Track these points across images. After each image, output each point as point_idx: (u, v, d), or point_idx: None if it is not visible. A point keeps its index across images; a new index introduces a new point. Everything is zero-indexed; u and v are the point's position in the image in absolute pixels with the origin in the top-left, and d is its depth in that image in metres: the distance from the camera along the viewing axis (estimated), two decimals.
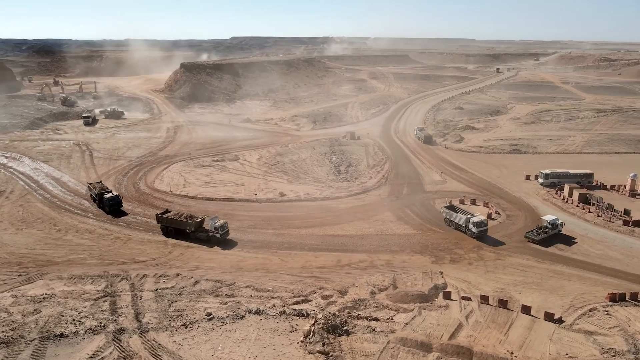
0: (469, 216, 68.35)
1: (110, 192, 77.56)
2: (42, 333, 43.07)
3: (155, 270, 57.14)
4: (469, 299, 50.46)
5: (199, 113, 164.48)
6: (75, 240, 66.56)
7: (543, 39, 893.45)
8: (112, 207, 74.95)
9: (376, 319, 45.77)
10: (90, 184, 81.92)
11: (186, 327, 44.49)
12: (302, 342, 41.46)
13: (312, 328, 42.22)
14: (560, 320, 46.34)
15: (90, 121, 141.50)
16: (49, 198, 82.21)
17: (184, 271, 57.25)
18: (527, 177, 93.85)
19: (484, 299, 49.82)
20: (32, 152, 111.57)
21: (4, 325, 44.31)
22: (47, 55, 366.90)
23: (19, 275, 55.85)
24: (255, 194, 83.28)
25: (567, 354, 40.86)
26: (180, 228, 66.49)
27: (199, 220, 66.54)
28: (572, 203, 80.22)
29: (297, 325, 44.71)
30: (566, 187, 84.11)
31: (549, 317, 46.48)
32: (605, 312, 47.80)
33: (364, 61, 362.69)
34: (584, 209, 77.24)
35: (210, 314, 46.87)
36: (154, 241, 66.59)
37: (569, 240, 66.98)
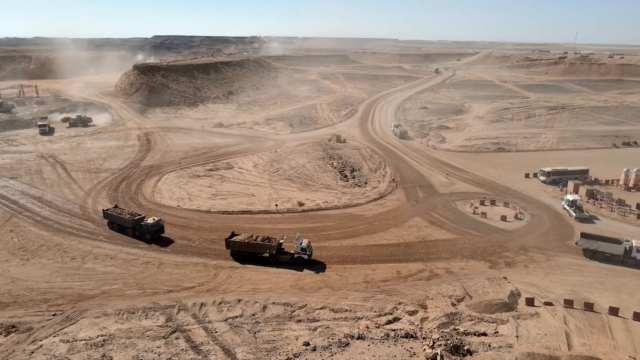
0: (625, 243, 61.13)
1: (144, 216, 68.22)
2: None
3: (212, 297, 51.98)
4: (551, 304, 50.56)
5: (163, 118, 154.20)
6: (99, 268, 58.97)
7: (459, 40, 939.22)
8: (155, 234, 65.79)
9: (484, 334, 44.42)
10: (106, 210, 70.62)
11: None
12: None
13: (437, 351, 39.92)
14: None
15: (47, 130, 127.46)
16: (42, 220, 72.52)
17: (243, 296, 52.57)
18: (527, 175, 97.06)
19: (568, 303, 50.11)
20: None
21: None
22: None
23: (53, 315, 48.45)
24: (276, 205, 78.86)
25: None
26: (257, 252, 60.24)
27: (280, 242, 61.00)
28: (581, 199, 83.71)
29: (411, 347, 42.20)
30: (570, 184, 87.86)
31: (637, 317, 47.59)
32: None
33: (306, 61, 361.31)
34: (595, 205, 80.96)
35: (308, 343, 43.13)
36: (191, 264, 60.60)
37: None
